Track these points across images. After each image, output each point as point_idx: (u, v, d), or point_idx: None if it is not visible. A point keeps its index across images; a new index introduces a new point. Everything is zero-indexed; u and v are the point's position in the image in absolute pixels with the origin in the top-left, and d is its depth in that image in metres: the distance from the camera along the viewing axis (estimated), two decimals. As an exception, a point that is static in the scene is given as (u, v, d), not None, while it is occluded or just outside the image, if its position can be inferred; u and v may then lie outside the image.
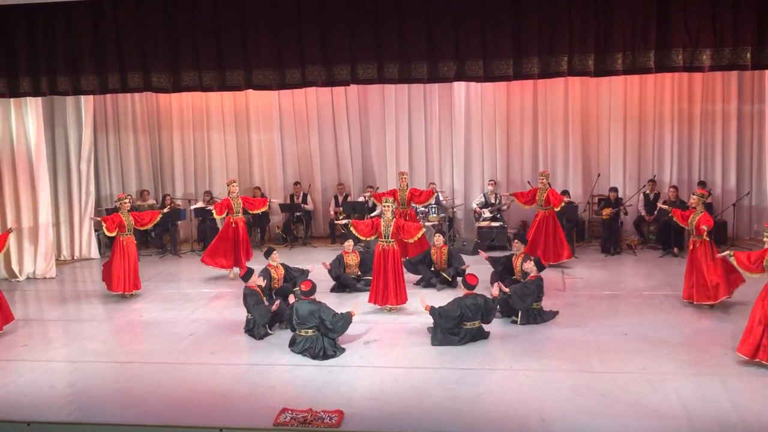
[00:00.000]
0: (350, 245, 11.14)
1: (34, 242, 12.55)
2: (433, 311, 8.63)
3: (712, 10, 9.69)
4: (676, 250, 12.56)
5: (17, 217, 12.35)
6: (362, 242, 10.58)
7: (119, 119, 15.16)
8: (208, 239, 14.14)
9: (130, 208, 11.39)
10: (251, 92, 13.57)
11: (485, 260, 10.87)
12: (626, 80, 13.68)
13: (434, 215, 13.58)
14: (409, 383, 7.52)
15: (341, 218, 12.34)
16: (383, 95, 14.65)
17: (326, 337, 8.34)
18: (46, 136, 12.89)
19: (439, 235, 11.25)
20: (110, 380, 7.86)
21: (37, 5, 10.69)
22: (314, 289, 8.62)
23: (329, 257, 11.36)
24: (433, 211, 13.60)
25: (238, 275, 10.67)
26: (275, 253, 10.46)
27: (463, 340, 8.53)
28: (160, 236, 14.37)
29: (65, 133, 13.66)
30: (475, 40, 10.15)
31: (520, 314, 9.21)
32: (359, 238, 10.52)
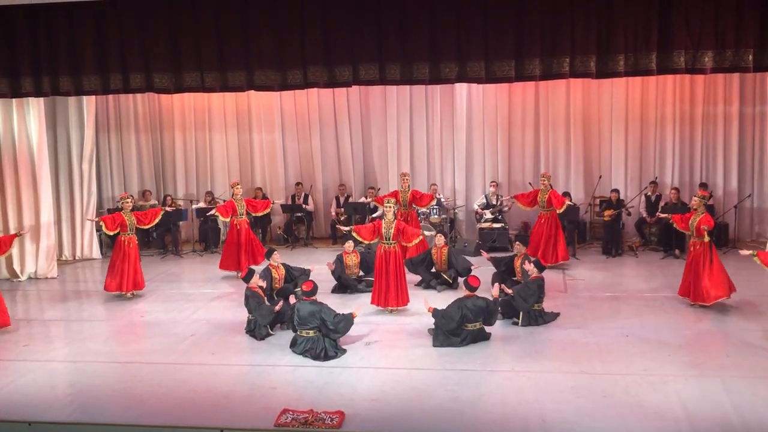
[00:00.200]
0: (350, 246, 11.14)
1: (35, 242, 12.54)
2: (435, 313, 8.63)
3: (714, 12, 9.68)
4: (677, 252, 12.55)
5: (19, 216, 12.35)
6: (364, 244, 10.59)
7: (121, 119, 15.18)
8: (209, 240, 14.21)
9: (132, 207, 11.39)
10: (253, 93, 13.59)
11: (487, 260, 10.87)
12: (628, 82, 13.67)
13: (435, 216, 13.59)
14: (410, 384, 7.51)
15: (343, 219, 12.34)
16: (385, 96, 14.66)
17: (327, 337, 8.34)
18: (48, 136, 12.89)
19: (440, 235, 11.25)
20: (111, 380, 7.85)
21: (39, 6, 10.69)
22: (316, 289, 8.60)
23: (330, 258, 11.36)
24: (434, 212, 13.61)
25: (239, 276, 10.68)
26: (276, 253, 10.47)
27: (464, 341, 8.53)
28: (161, 236, 14.38)
29: (67, 133, 13.67)
30: (476, 41, 10.14)
31: (521, 315, 9.20)
32: (362, 242, 10.54)
